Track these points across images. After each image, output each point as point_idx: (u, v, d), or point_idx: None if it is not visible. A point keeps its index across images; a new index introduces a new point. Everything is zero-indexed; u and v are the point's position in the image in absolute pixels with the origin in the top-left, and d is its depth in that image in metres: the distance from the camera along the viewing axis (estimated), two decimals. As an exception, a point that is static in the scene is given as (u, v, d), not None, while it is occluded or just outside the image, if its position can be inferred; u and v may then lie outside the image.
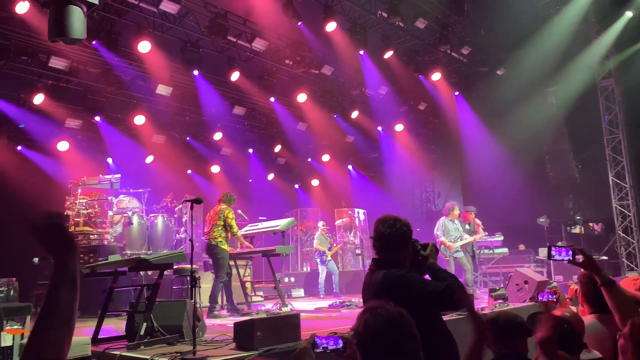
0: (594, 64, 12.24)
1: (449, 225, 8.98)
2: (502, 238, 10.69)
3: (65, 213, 8.74)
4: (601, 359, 2.67)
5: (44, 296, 1.38)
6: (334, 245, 11.44)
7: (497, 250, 11.47)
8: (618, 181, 12.01)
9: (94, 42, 9.45)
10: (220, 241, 7.40)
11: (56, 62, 9.52)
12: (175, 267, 6.68)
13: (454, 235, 8.92)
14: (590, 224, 14.08)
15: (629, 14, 11.32)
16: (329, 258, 10.75)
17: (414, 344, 1.86)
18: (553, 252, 2.61)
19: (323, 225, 11.36)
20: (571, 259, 2.60)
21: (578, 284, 3.53)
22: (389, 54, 11.47)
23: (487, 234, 9.80)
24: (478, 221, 9.56)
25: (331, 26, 10.05)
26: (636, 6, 11.16)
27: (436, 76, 12.80)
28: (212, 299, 7.30)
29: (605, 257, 11.88)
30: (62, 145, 10.90)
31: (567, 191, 13.71)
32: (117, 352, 4.16)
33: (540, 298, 3.48)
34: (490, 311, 6.27)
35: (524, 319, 2.84)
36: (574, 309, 3.64)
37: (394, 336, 1.84)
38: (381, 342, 1.83)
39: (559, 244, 2.85)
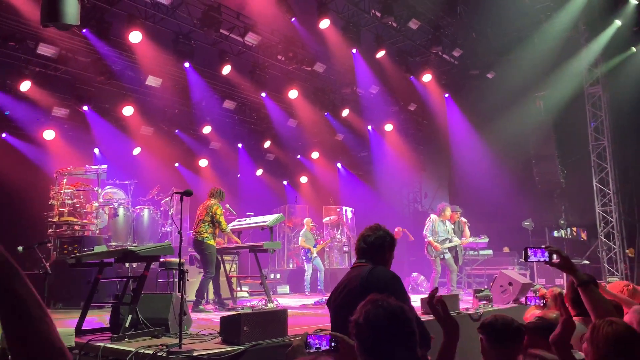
0: (582, 70, 12.40)
1: (439, 226, 9.03)
2: (487, 240, 10.79)
3: None
4: (585, 360, 2.70)
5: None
6: (321, 242, 11.43)
7: (482, 252, 11.57)
8: (602, 187, 12.19)
9: (84, 30, 9.33)
10: (207, 237, 7.33)
11: (44, 50, 9.38)
12: (161, 259, 6.63)
13: (442, 236, 8.97)
14: (574, 229, 14.28)
15: (617, 22, 11.47)
16: (315, 255, 10.75)
17: (412, 339, 1.88)
18: (529, 254, 2.61)
19: (309, 223, 11.34)
20: (547, 260, 2.61)
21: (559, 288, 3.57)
22: (381, 54, 11.49)
23: (475, 239, 9.85)
24: (464, 219, 9.62)
25: (325, 23, 10.03)
26: (625, 15, 11.32)
27: (427, 77, 12.86)
28: (199, 293, 7.26)
29: (587, 262, 12.06)
30: (48, 134, 10.75)
31: (553, 195, 13.88)
32: (101, 344, 4.10)
33: (528, 302, 3.51)
34: (475, 312, 6.33)
35: (520, 323, 2.80)
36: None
37: (393, 329, 1.85)
38: (379, 334, 1.85)
39: (548, 245, 2.85)
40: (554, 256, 2.62)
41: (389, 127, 15.01)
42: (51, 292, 7.20)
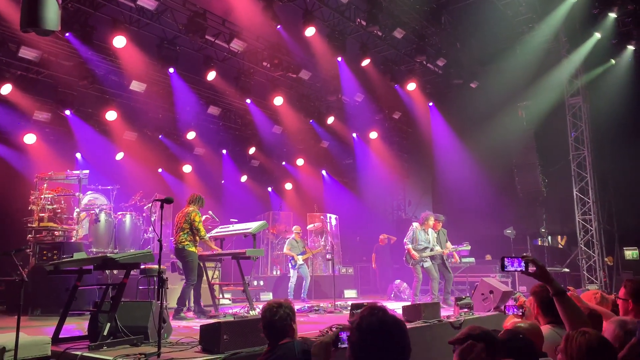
0: (564, 81, 12.63)
1: (420, 234, 9.06)
2: (469, 248, 10.87)
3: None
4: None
5: None
6: (308, 249, 11.37)
7: (464, 260, 11.65)
8: (582, 196, 12.38)
9: (67, 34, 9.25)
10: (187, 244, 7.28)
11: (26, 53, 9.27)
12: (142, 266, 6.56)
13: (422, 244, 9.00)
14: (558, 237, 14.48)
15: (597, 35, 11.71)
16: (301, 262, 10.71)
17: (402, 353, 1.87)
18: (506, 263, 2.65)
19: (297, 230, 11.28)
20: (524, 269, 2.64)
21: (530, 295, 3.61)
22: (366, 62, 11.58)
23: (456, 247, 9.90)
24: (444, 229, 9.67)
25: (310, 31, 10.08)
26: (604, 28, 11.56)
27: (411, 86, 12.98)
28: (181, 301, 7.20)
29: (567, 270, 12.21)
30: (29, 138, 10.59)
31: (534, 204, 14.06)
32: (79, 353, 4.06)
33: (507, 312, 3.55)
34: (456, 320, 6.37)
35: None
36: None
37: (383, 338, 1.85)
38: (369, 340, 1.85)
39: (524, 254, 2.89)
40: (531, 265, 2.66)
41: (373, 134, 15.12)
42: (30, 298, 7.09)
